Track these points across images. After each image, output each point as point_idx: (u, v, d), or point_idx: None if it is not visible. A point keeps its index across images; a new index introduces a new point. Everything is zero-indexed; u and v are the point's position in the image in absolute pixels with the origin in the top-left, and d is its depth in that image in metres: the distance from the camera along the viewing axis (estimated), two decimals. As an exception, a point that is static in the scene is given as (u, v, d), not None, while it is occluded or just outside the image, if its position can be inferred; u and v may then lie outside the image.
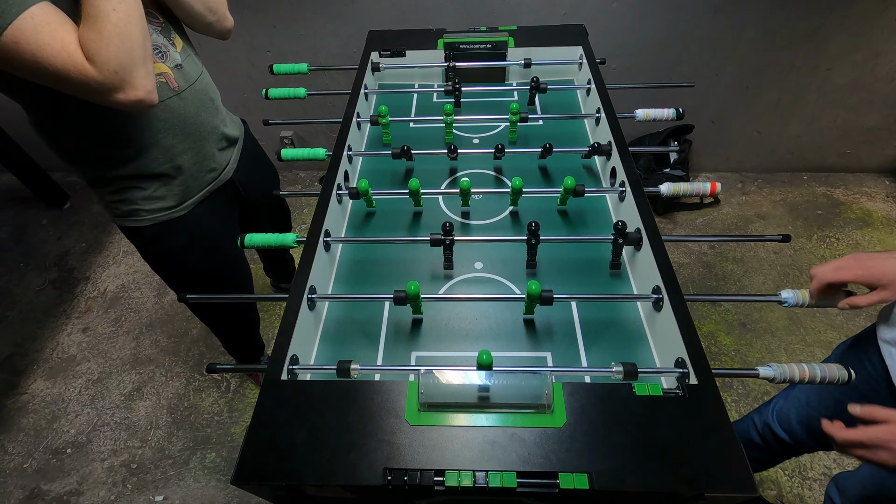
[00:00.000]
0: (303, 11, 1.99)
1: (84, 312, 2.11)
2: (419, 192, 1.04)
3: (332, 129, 2.40)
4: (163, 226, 1.09)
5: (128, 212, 1.06)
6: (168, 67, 0.97)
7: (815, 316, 1.90)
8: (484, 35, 1.43)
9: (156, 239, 1.11)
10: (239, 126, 1.25)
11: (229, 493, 1.56)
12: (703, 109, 2.26)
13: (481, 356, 0.73)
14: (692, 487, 0.59)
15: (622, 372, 0.73)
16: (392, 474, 0.61)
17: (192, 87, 1.03)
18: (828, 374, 0.71)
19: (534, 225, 0.91)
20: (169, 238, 1.12)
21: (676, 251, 2.18)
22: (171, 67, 0.98)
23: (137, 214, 1.06)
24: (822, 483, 1.49)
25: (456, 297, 0.90)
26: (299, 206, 2.48)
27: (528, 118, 1.22)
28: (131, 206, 1.05)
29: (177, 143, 1.03)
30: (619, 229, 0.91)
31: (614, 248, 0.94)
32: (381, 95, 1.43)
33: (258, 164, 1.33)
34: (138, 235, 1.10)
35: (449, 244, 0.94)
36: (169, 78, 0.98)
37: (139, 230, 1.09)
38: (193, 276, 1.22)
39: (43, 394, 1.84)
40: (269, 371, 0.73)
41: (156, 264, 1.20)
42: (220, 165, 1.16)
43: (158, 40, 0.96)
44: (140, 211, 1.06)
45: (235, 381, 1.83)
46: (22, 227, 2.49)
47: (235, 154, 1.21)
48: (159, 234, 1.10)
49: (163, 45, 0.97)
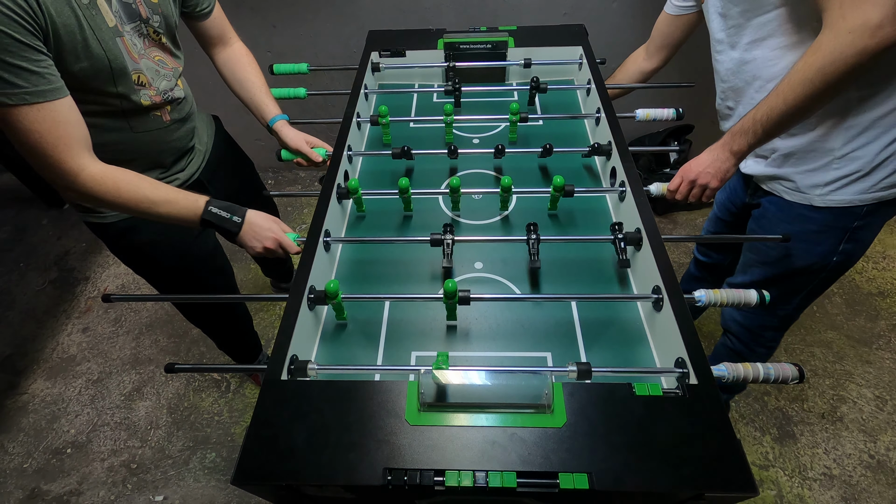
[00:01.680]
0: (303, 11, 1.99)
1: (84, 312, 2.11)
2: (409, 191, 1.04)
3: (332, 129, 2.40)
4: (128, 221, 1.08)
5: (90, 208, 1.05)
6: (169, 105, 1.02)
7: (815, 316, 1.90)
8: (484, 35, 1.43)
9: (122, 235, 1.10)
10: (209, 131, 1.26)
11: (229, 493, 1.56)
12: (703, 109, 2.25)
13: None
14: (692, 487, 0.60)
15: (576, 371, 0.73)
16: (392, 474, 0.61)
17: (181, 119, 1.06)
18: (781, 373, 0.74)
19: (533, 225, 0.92)
20: (135, 234, 1.10)
21: (676, 251, 2.18)
22: (173, 107, 1.03)
23: (101, 211, 1.05)
24: (822, 483, 1.50)
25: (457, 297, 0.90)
26: (299, 206, 2.48)
27: (529, 118, 1.22)
28: None
29: (147, 161, 1.05)
30: (616, 230, 0.93)
31: (617, 246, 0.94)
32: (381, 95, 1.43)
33: (228, 164, 1.32)
34: (104, 232, 1.10)
35: (449, 243, 0.94)
36: (164, 113, 1.01)
37: (104, 227, 1.08)
38: (167, 273, 1.21)
39: (43, 394, 1.84)
40: (269, 371, 0.73)
41: (127, 261, 1.19)
42: (186, 176, 1.15)
43: (167, 86, 1.00)
44: None
45: (235, 382, 1.83)
46: (22, 227, 2.49)
47: (200, 158, 1.20)
48: (126, 230, 1.09)
49: (169, 90, 1.01)
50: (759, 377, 0.74)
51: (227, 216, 0.96)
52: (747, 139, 0.92)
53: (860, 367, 1.75)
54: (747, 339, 1.30)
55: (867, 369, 1.74)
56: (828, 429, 1.61)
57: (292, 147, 1.21)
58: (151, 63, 0.95)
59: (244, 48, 1.24)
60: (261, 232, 0.98)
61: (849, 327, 1.86)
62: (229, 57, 1.21)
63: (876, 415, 1.63)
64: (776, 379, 0.74)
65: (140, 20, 0.91)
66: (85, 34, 0.80)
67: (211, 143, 1.24)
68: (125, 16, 0.88)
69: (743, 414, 1.66)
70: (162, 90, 0.98)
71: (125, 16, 0.88)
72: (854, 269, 2.06)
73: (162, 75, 0.98)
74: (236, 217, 0.97)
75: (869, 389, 1.69)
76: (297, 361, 0.76)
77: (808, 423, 1.63)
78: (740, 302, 0.81)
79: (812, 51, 0.79)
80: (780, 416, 1.64)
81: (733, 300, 0.81)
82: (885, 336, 1.83)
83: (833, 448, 1.56)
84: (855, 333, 1.85)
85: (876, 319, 1.88)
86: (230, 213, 0.96)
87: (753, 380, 0.74)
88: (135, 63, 0.91)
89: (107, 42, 0.84)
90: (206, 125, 1.25)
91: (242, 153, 1.42)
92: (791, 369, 0.73)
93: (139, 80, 0.93)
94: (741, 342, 1.31)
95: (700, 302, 0.82)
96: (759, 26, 0.92)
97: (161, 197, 0.91)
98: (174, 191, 0.94)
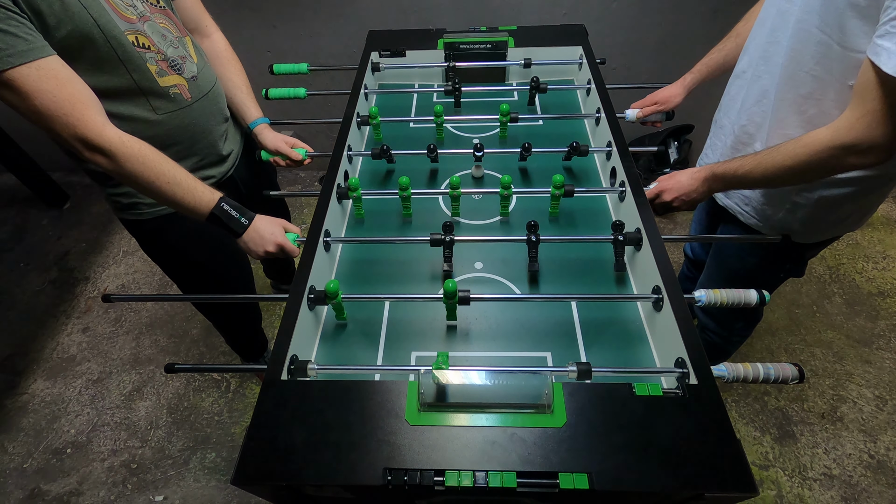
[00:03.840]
0: (303, 11, 1.99)
1: (84, 312, 2.11)
2: (409, 190, 1.04)
3: (332, 129, 2.40)
4: (163, 220, 1.09)
5: (128, 205, 1.06)
6: (184, 79, 1.00)
7: (815, 316, 1.90)
8: (484, 35, 1.43)
9: (156, 233, 1.11)
10: (243, 127, 1.26)
11: (229, 493, 1.56)
12: (703, 109, 2.25)
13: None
14: (692, 487, 0.60)
15: (576, 371, 0.73)
16: (392, 474, 0.61)
17: (206, 97, 1.05)
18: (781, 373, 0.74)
19: (533, 223, 0.92)
20: (169, 232, 1.12)
21: (676, 251, 2.17)
22: (188, 79, 1.00)
23: (138, 208, 1.07)
24: (823, 483, 1.50)
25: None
26: (299, 206, 2.48)
27: (519, 118, 1.22)
28: (132, 199, 1.05)
29: (181, 150, 1.04)
30: (618, 226, 0.93)
31: (616, 248, 0.94)
32: (381, 95, 1.43)
33: (255, 163, 1.33)
34: (139, 229, 1.11)
35: (449, 243, 0.94)
36: (183, 89, 1.00)
37: (139, 223, 1.09)
38: (195, 269, 1.22)
39: (43, 394, 1.84)
40: (270, 371, 0.73)
41: (157, 258, 1.20)
42: (220, 172, 1.16)
43: (176, 53, 0.98)
44: (140, 205, 1.06)
45: (235, 381, 1.83)
46: (22, 227, 2.49)
47: (236, 153, 1.21)
48: (159, 228, 1.10)
49: (180, 59, 0.99)
50: (759, 377, 0.74)
51: (236, 216, 0.96)
52: (725, 184, 0.99)
53: (860, 367, 1.75)
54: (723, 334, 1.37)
55: (867, 369, 1.74)
56: (828, 429, 1.61)
57: (271, 148, 1.22)
58: (156, 26, 0.94)
59: (225, 42, 1.20)
60: (265, 236, 0.98)
61: (849, 327, 1.86)
62: (208, 49, 1.16)
63: (876, 415, 1.63)
64: (776, 379, 0.74)
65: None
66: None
67: (242, 141, 1.25)
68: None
69: (743, 414, 1.66)
70: (170, 57, 0.96)
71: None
72: (854, 269, 2.06)
73: (168, 41, 0.97)
74: (244, 219, 0.97)
75: (869, 389, 1.69)
76: (297, 361, 0.76)
77: (808, 423, 1.62)
78: (740, 302, 0.81)
79: (805, 143, 0.82)
80: (780, 416, 1.64)
81: (733, 300, 0.81)
82: (885, 336, 1.83)
83: (833, 448, 1.56)
84: (855, 333, 1.85)
85: (876, 319, 1.88)
86: (240, 213, 0.97)
87: (753, 380, 0.74)
88: (128, 23, 0.88)
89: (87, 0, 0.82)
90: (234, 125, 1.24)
91: None
92: (791, 369, 0.74)
93: (139, 42, 0.90)
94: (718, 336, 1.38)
95: (700, 302, 0.82)
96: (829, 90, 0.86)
97: (181, 178, 0.90)
98: (192, 178, 0.93)
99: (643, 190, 0.98)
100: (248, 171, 1.26)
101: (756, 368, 0.74)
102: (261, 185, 1.32)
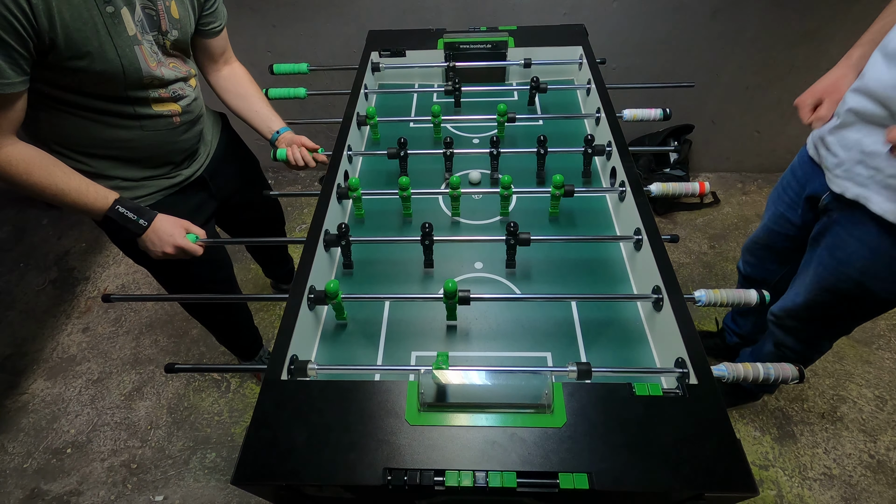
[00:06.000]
0: (303, 11, 1.99)
1: (84, 312, 2.11)
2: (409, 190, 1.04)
3: (332, 129, 2.40)
4: None
5: None
6: (180, 108, 1.04)
7: (815, 316, 1.90)
8: (484, 35, 1.43)
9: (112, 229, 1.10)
10: (216, 129, 1.27)
11: (229, 493, 1.56)
12: (703, 109, 2.26)
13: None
14: (692, 487, 0.60)
15: (576, 371, 0.73)
16: (392, 474, 0.61)
17: (191, 121, 1.09)
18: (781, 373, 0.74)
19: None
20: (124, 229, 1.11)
21: (676, 251, 2.18)
22: (182, 108, 1.05)
23: None
24: (823, 483, 1.50)
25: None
26: (299, 206, 2.48)
27: (516, 118, 1.22)
28: None
29: (152, 158, 1.07)
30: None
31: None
32: (381, 95, 1.43)
33: (232, 162, 1.32)
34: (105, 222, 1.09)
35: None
36: (175, 115, 1.04)
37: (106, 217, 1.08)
38: (165, 265, 1.20)
39: (43, 394, 1.84)
40: (269, 371, 0.73)
41: (127, 251, 1.19)
42: (189, 173, 1.17)
43: (178, 87, 1.03)
44: None
45: (235, 381, 1.83)
46: (22, 227, 2.49)
47: (204, 156, 1.21)
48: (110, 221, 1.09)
49: (181, 90, 1.04)
50: (759, 377, 0.74)
51: (133, 217, 0.98)
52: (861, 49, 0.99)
53: (860, 367, 1.75)
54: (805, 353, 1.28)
55: (867, 369, 1.74)
56: (828, 429, 1.61)
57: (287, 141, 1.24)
58: (168, 70, 1.00)
59: (243, 67, 1.28)
60: (164, 238, 1.00)
61: (849, 327, 1.86)
62: (233, 72, 1.25)
63: (876, 415, 1.63)
64: (776, 379, 0.74)
65: (159, 32, 0.95)
66: (101, 40, 0.84)
67: (216, 142, 1.26)
68: (147, 25, 0.92)
69: (743, 414, 1.66)
70: (172, 90, 1.02)
71: (147, 25, 0.92)
72: (854, 269, 2.06)
73: (176, 80, 1.03)
74: (143, 220, 0.99)
75: (869, 389, 1.69)
76: (297, 361, 0.76)
77: (808, 423, 1.62)
78: (740, 302, 0.81)
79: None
80: (780, 416, 1.64)
81: (733, 300, 0.81)
82: (885, 336, 1.83)
83: (833, 448, 1.56)
84: (855, 333, 1.84)
85: (876, 319, 1.88)
86: (138, 215, 0.98)
87: (753, 380, 0.74)
88: (150, 70, 0.94)
89: (123, 49, 0.88)
90: (212, 123, 1.26)
91: (248, 151, 1.42)
92: (791, 369, 0.73)
93: (152, 84, 0.97)
94: (798, 355, 1.27)
95: (700, 302, 0.82)
96: None
97: (73, 186, 0.93)
98: (86, 182, 0.95)
99: (643, 190, 0.98)
100: (217, 173, 1.25)
101: (756, 368, 0.74)
102: (245, 185, 1.34)
